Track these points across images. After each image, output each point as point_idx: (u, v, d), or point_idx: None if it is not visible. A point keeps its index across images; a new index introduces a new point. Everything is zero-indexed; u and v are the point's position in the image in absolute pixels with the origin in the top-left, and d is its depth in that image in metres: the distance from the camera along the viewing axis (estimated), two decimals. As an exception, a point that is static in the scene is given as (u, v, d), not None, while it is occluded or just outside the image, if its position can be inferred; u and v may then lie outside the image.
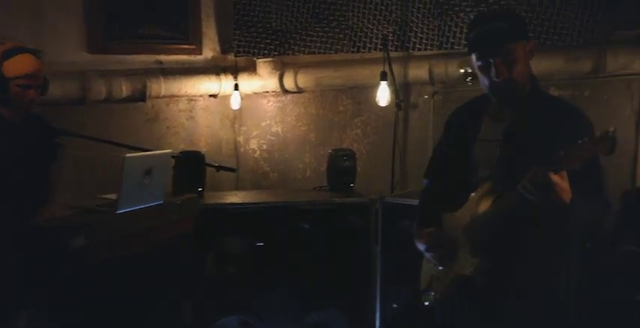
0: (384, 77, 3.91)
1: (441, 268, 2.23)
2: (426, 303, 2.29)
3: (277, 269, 3.53)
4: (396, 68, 4.05)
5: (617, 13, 3.74)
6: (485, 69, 2.06)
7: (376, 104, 4.27)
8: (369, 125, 4.36)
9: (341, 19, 4.22)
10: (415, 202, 3.47)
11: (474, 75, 3.92)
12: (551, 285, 2.08)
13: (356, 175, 3.82)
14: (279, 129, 4.53)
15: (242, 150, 4.58)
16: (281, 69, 4.43)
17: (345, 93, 4.39)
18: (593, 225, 2.06)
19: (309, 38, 4.30)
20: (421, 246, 2.27)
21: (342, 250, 3.55)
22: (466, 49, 3.90)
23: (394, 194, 3.79)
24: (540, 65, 2.74)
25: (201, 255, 3.47)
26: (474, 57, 2.10)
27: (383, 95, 3.92)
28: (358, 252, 3.57)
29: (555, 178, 1.78)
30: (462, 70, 3.96)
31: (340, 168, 3.79)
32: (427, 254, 2.28)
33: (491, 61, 2.02)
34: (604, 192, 2.02)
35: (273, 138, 4.53)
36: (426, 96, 4.24)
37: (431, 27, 4.05)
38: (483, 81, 2.10)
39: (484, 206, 2.09)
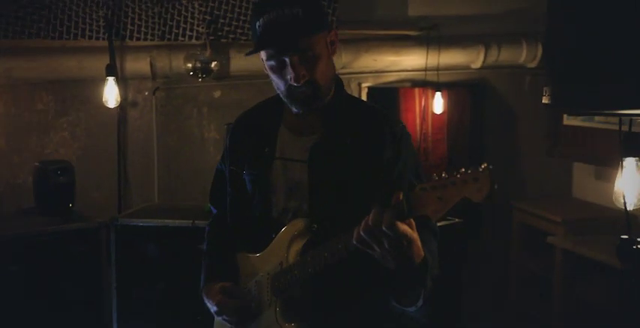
0: (110, 72, 3.08)
1: None
2: None
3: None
4: (108, 60, 3.25)
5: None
6: (278, 70, 1.51)
7: (86, 101, 3.44)
8: (79, 126, 3.47)
9: (35, -4, 3.21)
10: (155, 222, 2.86)
11: (204, 70, 3.39)
12: None
13: (75, 193, 2.94)
14: (-48, 133, 3.32)
15: None
16: (-51, 55, 3.21)
17: (45, 88, 3.40)
18: None
19: (-11, 17, 3.18)
20: (210, 307, 1.67)
21: (67, 289, 2.70)
22: (193, 41, 3.44)
23: (126, 214, 3.03)
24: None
25: None
26: (262, 56, 1.53)
27: (111, 93, 3.10)
28: (88, 288, 2.76)
29: (403, 229, 1.27)
30: (190, 65, 3.36)
31: (54, 185, 2.88)
32: (219, 319, 1.69)
33: (286, 59, 1.48)
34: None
35: (-57, 145, 3.31)
36: (146, 93, 3.54)
37: (150, 14, 3.34)
38: (278, 85, 1.55)
39: (297, 253, 1.53)
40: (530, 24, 3.77)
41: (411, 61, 3.77)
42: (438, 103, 3.66)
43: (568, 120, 3.70)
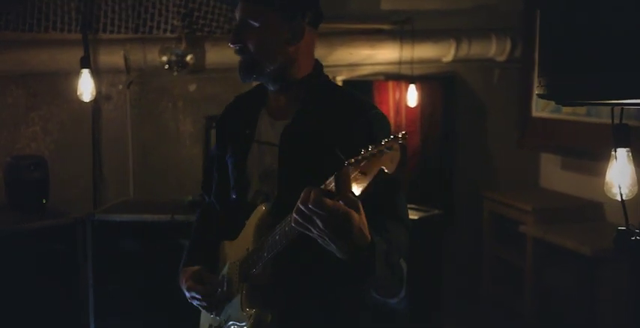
0: (85, 63, 2.93)
1: (216, 317, 1.59)
2: None
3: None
4: (82, 53, 3.10)
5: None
6: None
7: (58, 95, 3.28)
8: (51, 121, 3.32)
9: (3, -13, 3.04)
10: (132, 217, 2.74)
11: (179, 63, 3.26)
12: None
13: (49, 189, 2.80)
14: None
15: None
16: None
17: (16, 81, 3.24)
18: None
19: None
20: (185, 291, 1.60)
21: (43, 286, 2.56)
22: (167, 34, 3.31)
23: (102, 209, 2.90)
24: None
25: None
26: None
27: (86, 87, 2.95)
28: (65, 285, 2.63)
29: (332, 205, 1.15)
30: (165, 58, 3.24)
31: (27, 180, 2.73)
32: (193, 303, 1.62)
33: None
34: (402, 211, 1.49)
35: None
36: (120, 87, 3.40)
37: (123, 6, 3.20)
38: None
39: (262, 237, 1.45)
40: (500, 19, 3.74)
41: (385, 54, 3.71)
42: (412, 96, 3.61)
43: (537, 112, 3.70)
